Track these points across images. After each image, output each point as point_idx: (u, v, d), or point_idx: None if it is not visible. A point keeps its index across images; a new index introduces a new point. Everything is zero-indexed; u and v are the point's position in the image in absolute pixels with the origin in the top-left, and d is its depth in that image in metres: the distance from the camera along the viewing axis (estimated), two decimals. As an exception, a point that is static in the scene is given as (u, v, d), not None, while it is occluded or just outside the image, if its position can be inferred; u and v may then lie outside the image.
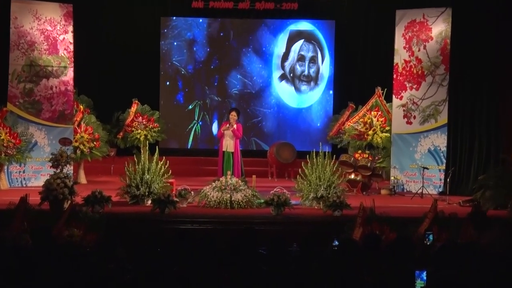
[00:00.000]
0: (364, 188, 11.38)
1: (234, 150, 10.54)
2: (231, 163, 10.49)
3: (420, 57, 11.65)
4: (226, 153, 10.55)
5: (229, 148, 10.57)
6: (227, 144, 10.58)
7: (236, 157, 10.56)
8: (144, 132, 13.39)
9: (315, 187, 9.30)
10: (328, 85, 15.19)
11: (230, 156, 10.53)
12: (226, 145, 10.58)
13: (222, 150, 10.61)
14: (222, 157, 10.55)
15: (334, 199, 8.76)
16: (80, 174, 12.37)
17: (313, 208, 9.27)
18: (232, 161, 10.50)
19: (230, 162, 10.49)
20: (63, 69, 11.83)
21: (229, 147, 10.57)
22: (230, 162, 10.49)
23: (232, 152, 10.54)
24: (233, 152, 10.54)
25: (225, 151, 10.56)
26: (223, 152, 10.58)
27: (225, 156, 10.53)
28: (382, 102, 12.31)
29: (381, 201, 9.51)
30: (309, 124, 15.22)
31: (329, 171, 9.36)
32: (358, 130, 12.30)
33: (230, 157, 10.53)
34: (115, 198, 9.14)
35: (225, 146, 10.59)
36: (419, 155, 11.69)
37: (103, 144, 12.56)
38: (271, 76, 15.18)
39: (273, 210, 8.70)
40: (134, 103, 13.56)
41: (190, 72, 15.09)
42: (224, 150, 10.58)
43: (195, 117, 15.09)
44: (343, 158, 11.47)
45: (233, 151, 10.54)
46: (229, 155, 10.54)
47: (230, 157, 10.53)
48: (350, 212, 8.47)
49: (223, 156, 10.55)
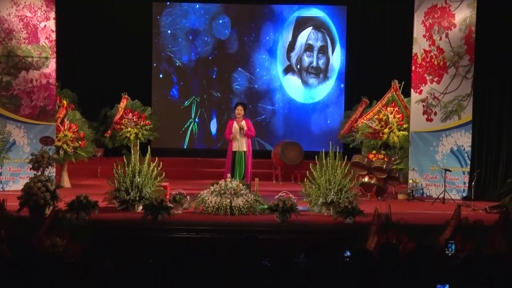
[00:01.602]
0: (379, 192, 11.38)
1: (246, 149, 10.61)
2: (243, 164, 10.52)
3: (442, 46, 11.64)
4: (238, 153, 10.58)
5: (241, 147, 10.63)
6: (238, 144, 10.63)
7: (249, 157, 10.61)
8: (135, 130, 13.39)
9: (325, 191, 9.30)
10: (339, 78, 15.19)
11: (242, 157, 10.58)
12: (238, 145, 10.63)
13: (231, 150, 10.64)
14: (232, 158, 10.58)
15: (346, 204, 8.76)
16: (64, 177, 12.38)
17: (322, 215, 9.27)
18: (244, 161, 10.53)
19: (243, 163, 10.53)
20: (44, 60, 11.84)
21: (241, 147, 10.63)
22: (242, 163, 10.52)
23: (244, 151, 10.60)
24: (246, 151, 10.60)
25: (237, 151, 10.59)
26: (233, 152, 10.61)
27: (237, 157, 10.56)
28: (399, 97, 12.30)
29: (398, 207, 9.50)
30: (317, 121, 15.22)
31: (340, 174, 9.36)
32: (372, 128, 12.29)
33: (243, 157, 10.58)
34: (102, 203, 9.14)
35: (236, 146, 10.63)
36: (441, 155, 11.68)
37: (89, 143, 12.57)
38: (275, 68, 15.19)
39: (278, 217, 8.70)
40: (124, 98, 13.57)
41: (186, 64, 15.11)
42: (236, 150, 10.61)
43: (192, 114, 15.11)
44: (356, 159, 11.47)
45: (245, 150, 10.60)
46: (242, 155, 10.59)
47: (243, 158, 10.57)
48: (363, 219, 8.46)
49: (233, 156, 10.58)
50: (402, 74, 12.40)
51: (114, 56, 14.62)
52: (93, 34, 14.50)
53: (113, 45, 14.57)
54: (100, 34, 14.53)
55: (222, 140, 15.01)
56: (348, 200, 8.97)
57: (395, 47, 14.04)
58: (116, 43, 14.59)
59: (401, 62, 12.78)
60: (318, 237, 8.07)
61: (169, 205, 8.89)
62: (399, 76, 12.40)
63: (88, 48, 14.48)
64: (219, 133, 15.03)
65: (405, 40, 12.64)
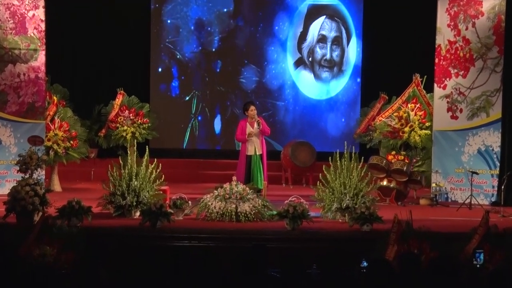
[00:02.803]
0: (399, 197, 11.36)
1: (262, 152, 10.64)
2: (261, 168, 10.56)
3: (468, 37, 11.60)
4: (254, 158, 10.58)
5: (258, 151, 10.64)
6: (254, 146, 10.62)
7: (264, 160, 10.65)
8: (132, 129, 13.40)
9: (339, 196, 9.29)
10: (355, 72, 15.16)
11: (259, 161, 10.59)
12: (254, 148, 10.62)
13: (245, 154, 10.64)
14: (247, 163, 10.59)
15: (363, 210, 8.75)
16: (54, 180, 12.41)
17: (337, 222, 9.26)
18: (261, 165, 10.57)
19: (260, 167, 10.56)
20: (32, 52, 11.87)
21: (257, 149, 10.63)
22: (261, 168, 10.55)
23: (261, 154, 10.63)
24: (262, 154, 10.64)
25: (253, 155, 10.58)
26: (248, 156, 10.61)
27: (253, 162, 10.56)
28: (421, 92, 12.27)
29: (420, 213, 9.49)
30: (331, 119, 15.20)
31: (356, 177, 9.35)
32: (391, 127, 12.26)
33: (259, 161, 10.59)
34: (96, 209, 9.16)
35: (251, 150, 10.62)
36: (467, 156, 11.65)
37: (82, 143, 12.59)
38: (285, 61, 15.18)
39: (288, 223, 8.69)
40: (119, 94, 13.57)
41: (187, 56, 15.11)
42: (251, 154, 10.60)
43: (193, 111, 15.11)
44: (374, 161, 11.45)
45: (261, 153, 10.64)
46: (258, 159, 10.60)
47: (259, 161, 10.59)
48: (382, 227, 8.45)
49: (248, 161, 10.59)
50: (424, 67, 12.36)
51: (109, 48, 14.63)
52: (86, 24, 14.51)
53: (107, 36, 14.59)
54: (93, 24, 14.53)
55: (226, 139, 15.04)
56: (365, 205, 8.95)
57: (416, 37, 13.99)
58: (111, 33, 14.60)
59: (423, 54, 12.74)
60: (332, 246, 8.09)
61: (169, 210, 8.90)
62: (421, 69, 12.36)
63: (81, 40, 14.50)
64: (223, 131, 15.04)
65: (427, 30, 12.59)
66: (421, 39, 13.39)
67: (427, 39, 12.50)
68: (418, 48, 13.56)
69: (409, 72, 12.55)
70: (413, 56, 13.71)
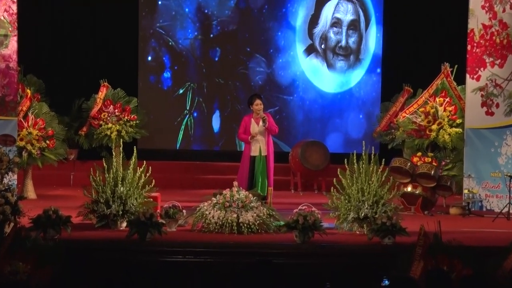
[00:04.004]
0: (426, 205, 11.35)
1: (267, 153, 10.68)
2: (265, 171, 10.59)
3: (506, 20, 11.59)
4: (258, 159, 10.62)
5: (263, 151, 10.67)
6: (258, 146, 10.65)
7: (270, 162, 10.68)
8: (117, 127, 13.41)
9: (357, 204, 9.28)
10: (375, 61, 15.15)
11: (264, 163, 10.63)
12: (258, 148, 10.65)
13: (249, 154, 10.68)
14: (251, 165, 10.63)
15: (383, 221, 8.73)
16: (28, 186, 12.42)
17: (354, 234, 9.26)
18: (267, 168, 10.61)
19: (265, 171, 10.59)
20: (2, 38, 11.87)
21: (262, 150, 10.66)
22: (265, 171, 10.59)
23: (266, 155, 10.67)
24: (267, 155, 10.68)
25: (257, 156, 10.63)
26: (251, 158, 10.65)
27: (257, 164, 10.60)
28: (451, 85, 12.26)
29: (450, 223, 9.46)
30: (347, 115, 15.20)
31: (376, 182, 9.34)
32: (417, 124, 12.25)
33: (264, 163, 10.63)
34: (76, 219, 9.16)
35: (255, 150, 10.65)
36: (505, 158, 11.65)
37: (60, 143, 12.58)
38: (294, 48, 15.18)
39: (298, 236, 8.69)
40: (103, 87, 13.58)
41: (181, 43, 15.12)
42: (256, 155, 10.64)
43: (187, 106, 15.11)
44: (396, 164, 11.44)
45: (266, 154, 10.68)
46: (263, 161, 10.64)
47: (264, 164, 10.62)
48: (406, 240, 8.44)
49: (252, 163, 10.63)
50: (455, 55, 12.35)
51: (91, 34, 14.64)
52: (64, 6, 14.52)
53: (89, 20, 14.59)
54: (73, 6, 14.54)
55: (226, 139, 15.03)
56: (386, 215, 8.94)
57: (446, 21, 13.99)
58: (93, 17, 14.60)
59: (453, 40, 12.73)
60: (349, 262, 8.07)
61: (160, 221, 8.89)
62: (451, 58, 12.35)
63: (58, 24, 14.51)
64: (223, 130, 15.04)
65: (458, 12, 12.57)
66: (451, 23, 13.37)
67: (458, 23, 12.48)
68: (448, 33, 13.55)
69: (437, 61, 12.53)
70: (442, 42, 13.71)
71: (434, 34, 14.25)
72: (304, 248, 8.56)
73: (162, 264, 7.93)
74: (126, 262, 7.98)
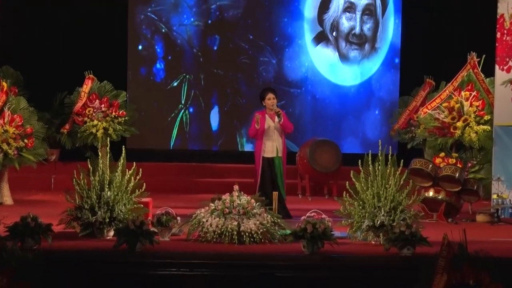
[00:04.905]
0: (450, 212, 11.35)
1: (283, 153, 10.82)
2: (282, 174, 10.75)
3: (540, 4, 11.59)
4: (276, 160, 10.78)
5: (279, 151, 10.80)
6: (274, 146, 10.80)
7: (285, 164, 10.80)
8: (104, 124, 13.43)
9: (372, 210, 9.27)
10: (393, 50, 15.16)
11: (281, 165, 10.75)
12: (273, 147, 10.80)
13: (260, 155, 10.78)
14: (266, 167, 10.74)
15: (402, 229, 8.72)
16: (3, 190, 12.43)
17: (369, 244, 9.26)
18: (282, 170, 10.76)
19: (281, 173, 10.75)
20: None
21: (279, 149, 10.80)
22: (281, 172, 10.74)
23: (282, 156, 10.83)
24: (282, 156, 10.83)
25: (275, 158, 10.79)
26: (266, 160, 10.77)
27: (276, 166, 10.75)
28: (479, 77, 12.25)
29: (477, 232, 9.47)
30: (361, 111, 15.20)
31: (393, 186, 9.33)
32: (440, 121, 12.25)
33: (281, 165, 10.73)
34: (57, 227, 9.15)
35: (269, 150, 10.81)
36: (538, 160, 11.66)
37: (39, 142, 12.58)
38: (302, 36, 15.19)
39: (306, 246, 8.68)
40: (88, 79, 13.60)
41: (176, 30, 15.12)
42: (270, 156, 10.78)
43: (183, 100, 15.12)
44: (417, 165, 11.43)
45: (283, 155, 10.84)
46: (279, 163, 10.76)
47: (281, 165, 10.72)
48: (427, 250, 8.43)
49: (267, 165, 10.75)
50: (482, 44, 12.35)
51: (75, 20, 14.64)
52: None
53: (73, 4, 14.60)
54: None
55: (225, 137, 15.03)
56: (405, 223, 8.92)
57: (472, 6, 13.96)
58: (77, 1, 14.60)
59: (481, 27, 12.71)
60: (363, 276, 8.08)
61: (152, 229, 8.89)
62: (478, 47, 12.35)
63: (38, 9, 14.51)
64: (222, 127, 15.05)
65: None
66: (478, 9, 13.35)
67: (486, 8, 12.46)
68: (475, 19, 13.52)
69: (462, 50, 12.53)
70: (468, 29, 13.69)
71: (459, 20, 14.24)
72: (313, 260, 8.54)
73: (154, 277, 8.01)
74: (113, 276, 7.99)
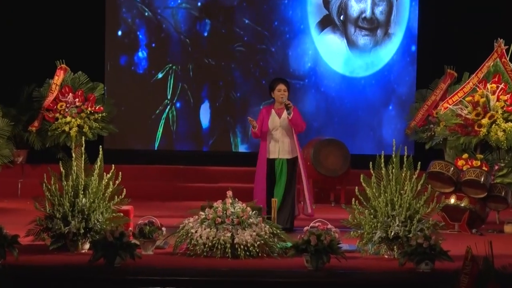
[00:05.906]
0: (475, 221, 11.35)
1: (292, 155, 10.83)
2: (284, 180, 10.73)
3: None
4: (278, 162, 10.79)
5: (282, 153, 10.83)
6: (277, 146, 10.82)
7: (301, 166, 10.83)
8: (78, 121, 13.40)
9: (385, 220, 9.27)
10: (408, 37, 15.18)
11: (284, 168, 10.76)
12: (277, 148, 10.83)
13: (265, 157, 10.82)
14: (269, 170, 10.77)
15: (419, 241, 8.72)
16: (-36, 197, 12.44)
17: (381, 258, 9.27)
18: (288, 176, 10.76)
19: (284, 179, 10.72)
20: None
21: (282, 151, 10.83)
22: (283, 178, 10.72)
23: (288, 159, 10.81)
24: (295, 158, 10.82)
25: (277, 159, 10.80)
26: (269, 161, 10.81)
27: (277, 169, 10.77)
28: (507, 67, 12.24)
29: (505, 245, 9.49)
30: (373, 106, 15.20)
31: (409, 192, 9.32)
32: (462, 118, 12.24)
33: (285, 169, 10.76)
34: (25, 239, 9.15)
35: (273, 150, 10.84)
36: None
37: (4, 142, 12.59)
38: (305, 20, 15.20)
39: (309, 261, 8.67)
40: (60, 70, 13.58)
41: (160, 13, 15.12)
42: (274, 157, 10.81)
43: (169, 94, 15.13)
44: (436, 168, 11.43)
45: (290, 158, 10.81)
46: (283, 165, 10.77)
47: (285, 170, 10.76)
48: (448, 266, 8.44)
49: (269, 168, 10.77)
50: (511, 30, 12.31)
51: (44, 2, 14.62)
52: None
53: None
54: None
55: (218, 136, 15.02)
56: (423, 234, 8.92)
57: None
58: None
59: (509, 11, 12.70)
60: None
61: (133, 241, 8.88)
62: (507, 34, 12.33)
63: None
64: (214, 125, 15.05)
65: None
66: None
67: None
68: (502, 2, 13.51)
69: (488, 37, 12.52)
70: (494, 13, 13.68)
71: (484, 2, 14.23)
72: (317, 277, 8.55)
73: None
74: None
